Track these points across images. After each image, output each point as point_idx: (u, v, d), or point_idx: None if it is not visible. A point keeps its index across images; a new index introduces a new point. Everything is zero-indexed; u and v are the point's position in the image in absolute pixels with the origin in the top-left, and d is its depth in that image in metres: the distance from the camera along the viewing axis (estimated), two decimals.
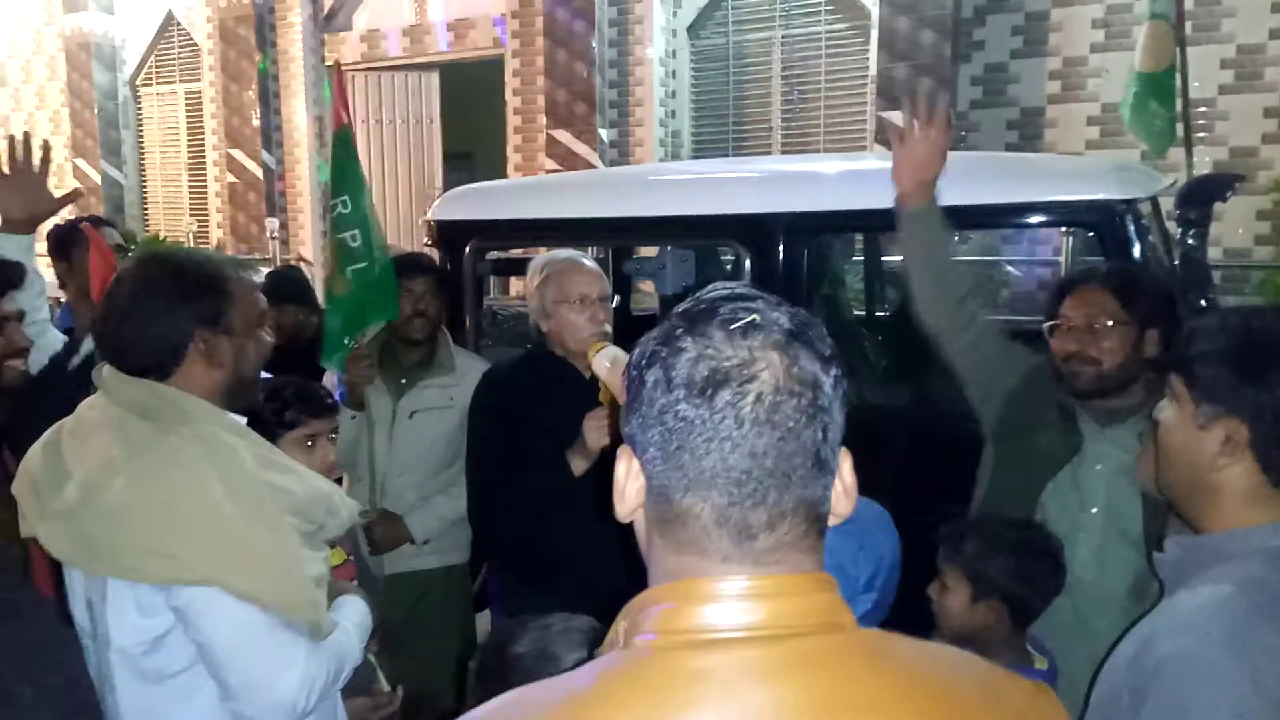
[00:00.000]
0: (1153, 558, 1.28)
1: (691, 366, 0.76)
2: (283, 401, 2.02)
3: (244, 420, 1.61)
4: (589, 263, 2.46)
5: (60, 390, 1.99)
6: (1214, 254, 5.15)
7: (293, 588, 1.47)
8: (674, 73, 8.00)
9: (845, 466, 0.81)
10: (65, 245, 3.04)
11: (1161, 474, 1.28)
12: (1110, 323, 1.96)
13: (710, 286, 0.83)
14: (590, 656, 1.44)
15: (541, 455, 2.27)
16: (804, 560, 0.78)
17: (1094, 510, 2.00)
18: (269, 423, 2.01)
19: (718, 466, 0.76)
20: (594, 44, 7.89)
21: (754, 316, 0.78)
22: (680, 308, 0.81)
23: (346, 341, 2.84)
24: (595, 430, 2.21)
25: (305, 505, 1.53)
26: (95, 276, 2.52)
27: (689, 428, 0.76)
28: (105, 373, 1.54)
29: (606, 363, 2.20)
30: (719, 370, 0.76)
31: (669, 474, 0.78)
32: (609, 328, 2.37)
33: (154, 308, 1.51)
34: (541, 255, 2.55)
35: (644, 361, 0.80)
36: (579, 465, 2.25)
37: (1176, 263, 3.08)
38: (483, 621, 3.14)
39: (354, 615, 1.69)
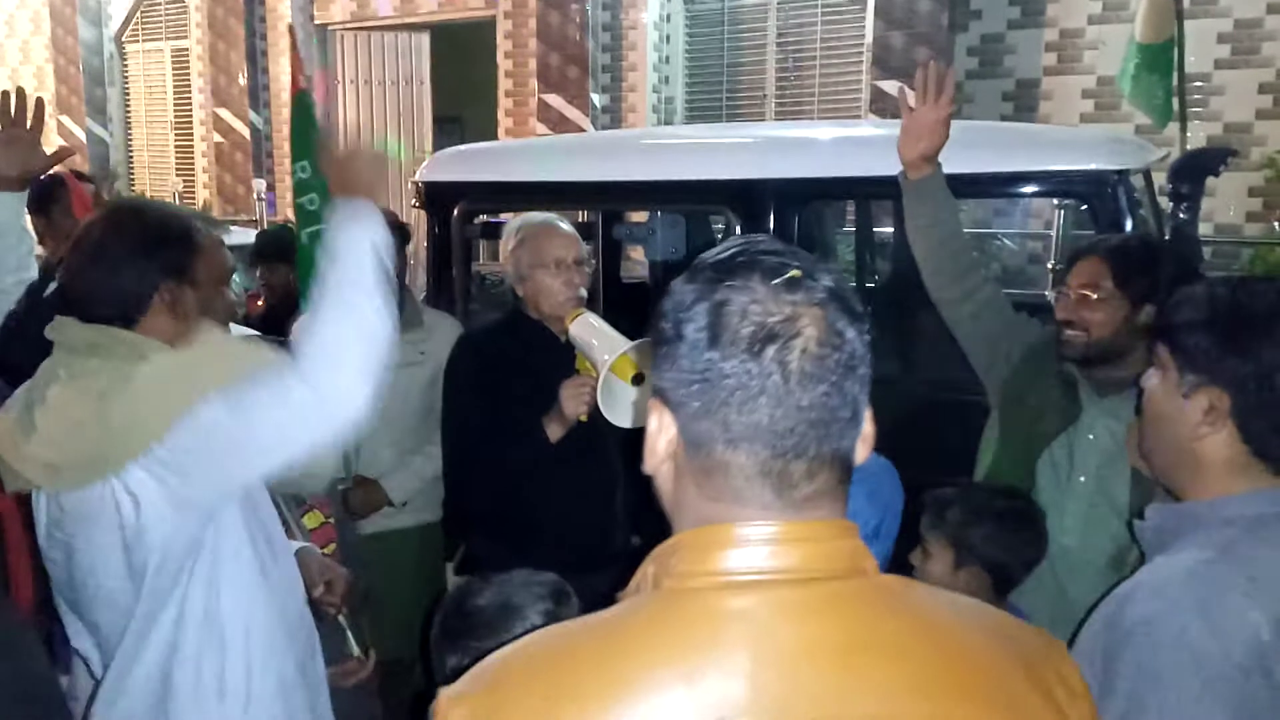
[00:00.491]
0: (1133, 525, 1.29)
1: (737, 321, 0.76)
2: None
3: None
4: (565, 226, 2.44)
5: (42, 315, 1.98)
6: (1205, 229, 5.15)
7: (231, 356, 1.50)
8: (668, 37, 7.91)
9: (867, 417, 0.83)
10: (44, 201, 2.98)
11: (1145, 442, 1.29)
12: (1098, 295, 1.98)
13: (737, 239, 0.83)
14: (555, 609, 1.46)
15: (518, 421, 2.26)
16: (835, 507, 0.80)
17: (1082, 479, 2.02)
18: None
19: (763, 421, 0.77)
20: (587, 7, 7.79)
21: (795, 271, 0.78)
22: (715, 258, 0.81)
23: None
24: (573, 398, 2.20)
25: None
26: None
27: (734, 383, 0.76)
28: (58, 322, 1.53)
29: (585, 330, 2.19)
30: (765, 325, 0.76)
31: (711, 428, 0.78)
32: (584, 292, 2.36)
33: (121, 256, 1.51)
34: (517, 218, 2.53)
35: (681, 314, 0.79)
36: (555, 432, 2.23)
37: (1167, 236, 3.08)
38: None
39: (354, 243, 1.48)
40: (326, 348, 1.42)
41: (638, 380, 2.04)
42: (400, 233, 2.97)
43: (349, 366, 1.41)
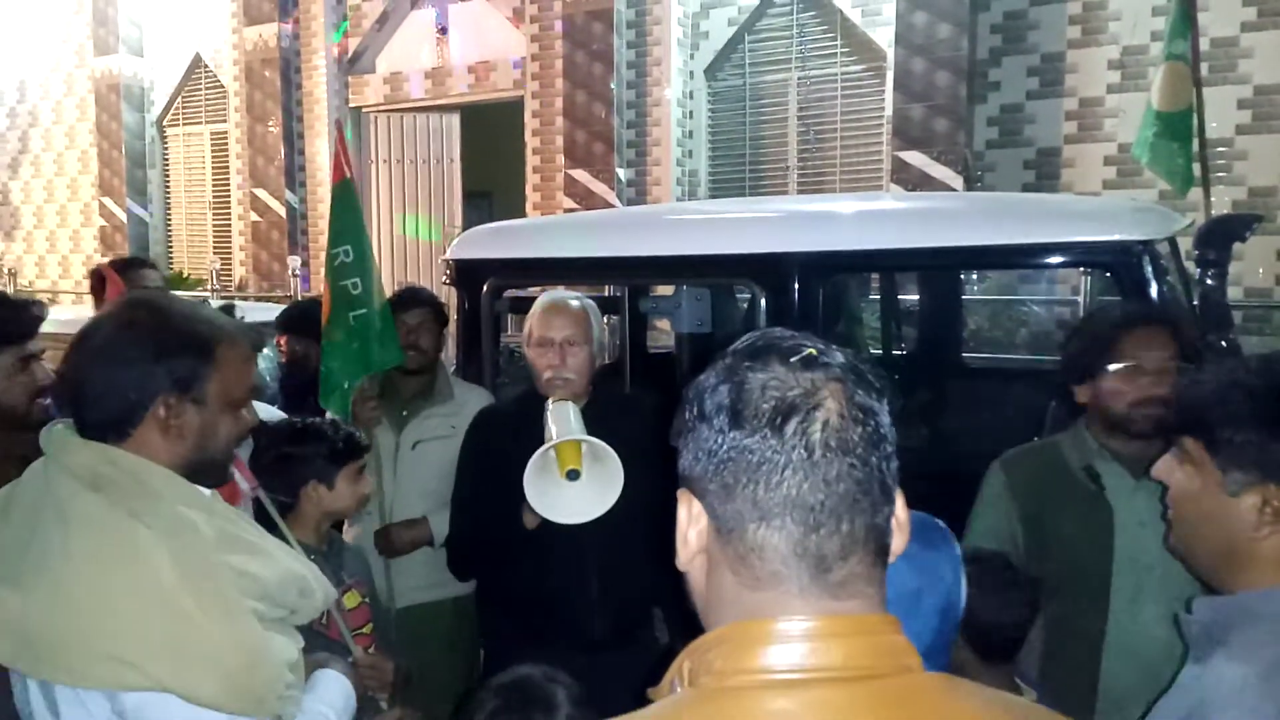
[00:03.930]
0: (1179, 619, 1.22)
1: (757, 399, 0.78)
2: (332, 439, 2.17)
3: (208, 493, 1.42)
4: (573, 304, 2.43)
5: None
6: (1234, 294, 5.13)
7: (254, 685, 1.29)
8: (691, 113, 8.08)
9: (899, 501, 0.82)
10: (103, 285, 2.98)
11: (1181, 539, 1.23)
12: (1175, 363, 1.94)
13: (755, 332, 0.85)
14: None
15: (503, 500, 2.23)
16: (873, 594, 0.79)
17: (1156, 570, 1.94)
18: (326, 461, 2.13)
19: (792, 496, 0.76)
20: (612, 85, 7.99)
21: (811, 350, 0.80)
22: (734, 348, 0.83)
23: (346, 385, 2.90)
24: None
25: (274, 590, 1.37)
26: None
27: (760, 460, 0.77)
28: (56, 433, 1.36)
29: (550, 420, 2.15)
30: (785, 400, 0.77)
31: (741, 509, 0.78)
32: (570, 374, 2.33)
33: (126, 357, 1.33)
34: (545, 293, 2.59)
35: (703, 398, 0.81)
36: (530, 519, 2.18)
37: (1196, 303, 3.07)
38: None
39: (335, 699, 1.50)
40: None
41: (572, 476, 2.01)
42: (428, 307, 3.03)
43: None
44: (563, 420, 2.14)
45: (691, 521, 0.81)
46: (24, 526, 1.31)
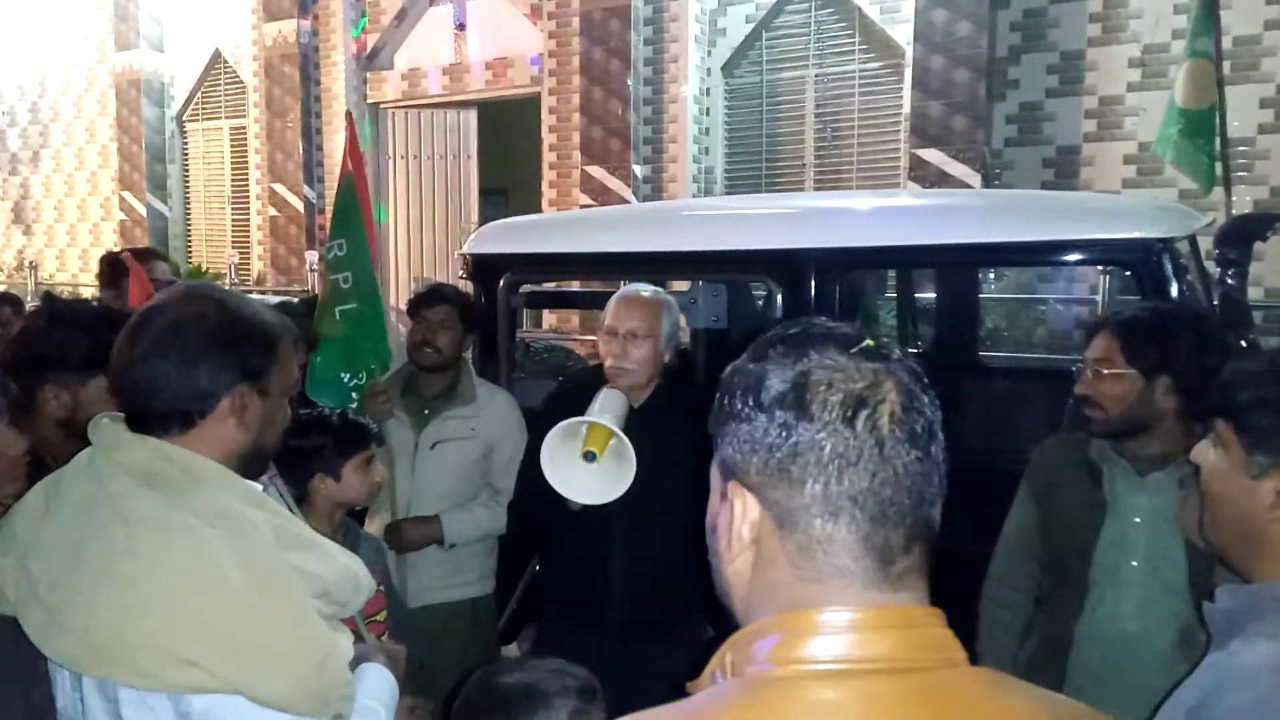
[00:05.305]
0: (1203, 607, 1.22)
1: (824, 391, 0.76)
2: (338, 431, 2.17)
3: (260, 487, 1.42)
4: (645, 294, 2.46)
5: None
6: (1255, 294, 5.08)
7: (322, 685, 1.27)
8: (708, 110, 8.07)
9: None
10: (116, 273, 3.08)
11: (1206, 522, 1.24)
12: (1109, 370, 1.98)
13: (794, 320, 0.83)
14: (582, 704, 1.44)
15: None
16: (923, 586, 0.78)
17: (1135, 563, 1.99)
18: (331, 454, 2.11)
19: (862, 489, 0.75)
20: (629, 82, 7.99)
21: (869, 341, 0.79)
22: (782, 335, 0.81)
23: (347, 379, 2.91)
24: None
25: (333, 587, 1.36)
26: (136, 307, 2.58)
27: (832, 454, 0.75)
28: (104, 426, 1.34)
29: (593, 404, 2.20)
30: (852, 393, 0.76)
31: (808, 504, 0.76)
32: (629, 366, 2.37)
33: (200, 347, 1.32)
34: None
35: (760, 390, 0.78)
36: (575, 503, 2.21)
37: (1216, 302, 3.04)
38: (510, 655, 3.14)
39: (381, 692, 1.49)
40: None
41: (588, 458, 2.06)
42: (450, 305, 3.00)
43: None
44: (609, 406, 2.18)
45: (745, 516, 0.79)
46: (75, 525, 1.27)
